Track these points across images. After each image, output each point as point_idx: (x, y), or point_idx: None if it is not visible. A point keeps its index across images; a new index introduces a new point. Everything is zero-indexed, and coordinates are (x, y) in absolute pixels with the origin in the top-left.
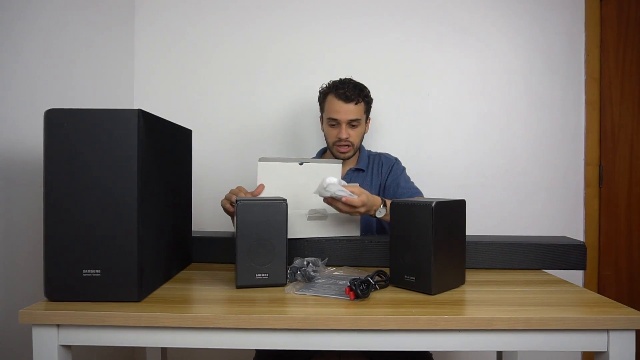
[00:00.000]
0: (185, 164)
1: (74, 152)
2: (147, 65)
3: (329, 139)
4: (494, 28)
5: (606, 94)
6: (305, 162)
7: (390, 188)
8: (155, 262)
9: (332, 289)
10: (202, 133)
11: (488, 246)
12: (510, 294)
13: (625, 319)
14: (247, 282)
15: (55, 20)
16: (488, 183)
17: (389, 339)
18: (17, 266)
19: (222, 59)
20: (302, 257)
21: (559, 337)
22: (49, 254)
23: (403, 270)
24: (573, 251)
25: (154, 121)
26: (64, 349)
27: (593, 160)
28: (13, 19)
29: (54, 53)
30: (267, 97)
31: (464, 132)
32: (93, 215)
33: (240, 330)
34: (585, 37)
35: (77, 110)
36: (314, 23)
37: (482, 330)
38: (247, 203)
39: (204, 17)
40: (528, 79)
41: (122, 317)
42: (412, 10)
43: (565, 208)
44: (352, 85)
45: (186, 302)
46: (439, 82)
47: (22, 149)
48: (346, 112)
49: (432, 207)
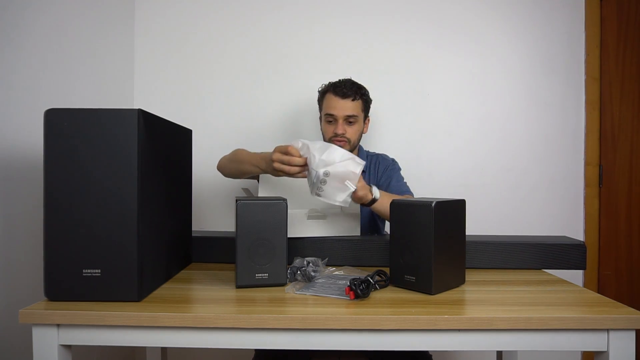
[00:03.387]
0: (185, 164)
1: (74, 152)
2: (147, 65)
3: (326, 136)
4: (494, 28)
5: (606, 94)
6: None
7: (382, 187)
8: (155, 262)
9: (332, 289)
10: (202, 133)
11: (488, 246)
12: (510, 294)
13: (625, 318)
14: (247, 282)
15: (55, 20)
16: (488, 183)
17: (389, 339)
18: (17, 266)
19: (222, 58)
20: (302, 257)
21: (559, 337)
22: (49, 253)
23: (403, 270)
24: (573, 251)
25: (154, 121)
26: (64, 349)
27: (593, 160)
28: (13, 19)
29: (54, 53)
30: (267, 97)
31: (464, 132)
32: (93, 215)
33: (240, 330)
34: (585, 37)
35: (77, 110)
36: (314, 23)
37: (482, 330)
38: (247, 203)
39: (204, 17)
40: (528, 79)
41: (122, 317)
42: (412, 10)
43: (565, 208)
44: (350, 83)
45: (186, 302)
46: (439, 82)
47: (22, 149)
48: (343, 108)
49: (432, 207)
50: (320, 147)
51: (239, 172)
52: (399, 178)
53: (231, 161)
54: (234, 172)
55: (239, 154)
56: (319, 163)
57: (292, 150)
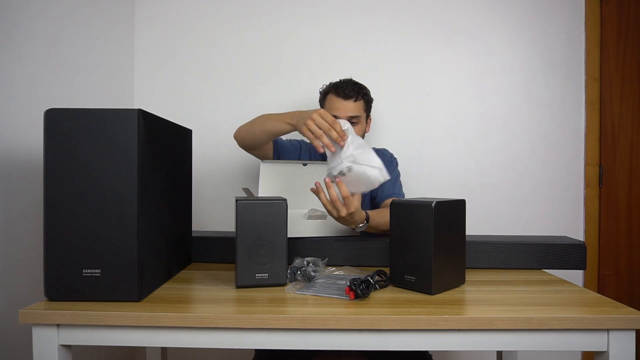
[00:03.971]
0: (185, 164)
1: (74, 152)
2: (147, 65)
3: None
4: (494, 28)
5: (606, 94)
6: (310, 164)
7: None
8: (155, 262)
9: (332, 289)
10: (202, 133)
11: (488, 246)
12: (510, 294)
13: (625, 318)
14: (247, 282)
15: (55, 20)
16: (488, 183)
17: (389, 339)
18: (16, 266)
19: (223, 58)
20: (302, 257)
21: (559, 337)
22: (49, 253)
23: (403, 270)
24: (573, 251)
25: (154, 121)
26: (64, 349)
27: (593, 160)
28: (13, 19)
29: (54, 53)
30: (267, 97)
31: (464, 132)
32: (93, 215)
33: (240, 330)
34: (585, 37)
35: (77, 110)
36: (314, 23)
37: (482, 330)
38: (247, 203)
39: (204, 17)
40: (528, 79)
41: (122, 317)
42: (412, 10)
43: (565, 208)
44: (352, 83)
45: (186, 302)
46: (439, 82)
47: (22, 149)
48: (345, 109)
49: (432, 207)
50: (359, 143)
51: (262, 131)
52: (393, 180)
53: (254, 123)
54: (257, 133)
55: (263, 116)
56: (349, 156)
57: (336, 122)
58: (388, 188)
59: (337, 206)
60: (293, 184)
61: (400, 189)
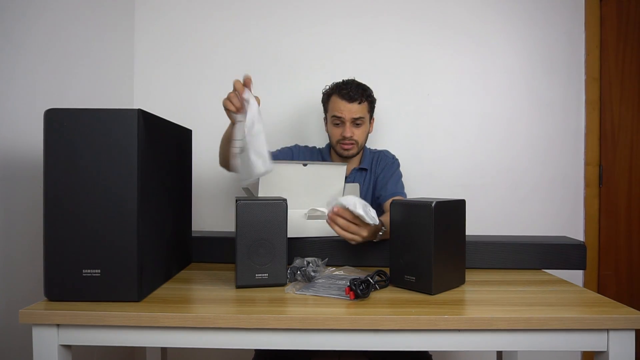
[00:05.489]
0: (185, 164)
1: (74, 152)
2: (147, 65)
3: (333, 138)
4: (494, 28)
5: (606, 94)
6: (310, 164)
7: (379, 185)
8: (155, 262)
9: (332, 289)
10: (202, 133)
11: (488, 246)
12: (510, 294)
13: (625, 318)
14: (247, 282)
15: (55, 20)
16: (488, 183)
17: (389, 339)
18: (17, 266)
19: (223, 58)
20: (302, 257)
21: (559, 337)
22: (49, 253)
23: (403, 270)
24: (573, 251)
25: (154, 121)
26: (64, 349)
27: (593, 160)
28: (13, 18)
29: (54, 53)
30: (268, 97)
31: (464, 132)
32: (93, 215)
33: (240, 330)
34: (585, 37)
35: (77, 110)
36: (315, 24)
37: (482, 330)
38: (247, 203)
39: (204, 17)
40: (528, 79)
41: (122, 317)
42: (412, 11)
43: (565, 208)
44: (355, 85)
45: (186, 302)
46: (439, 82)
47: (22, 149)
48: (350, 111)
49: (432, 207)
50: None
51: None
52: (396, 180)
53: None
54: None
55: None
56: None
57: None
58: (391, 187)
59: (353, 230)
60: (293, 184)
61: (402, 189)
